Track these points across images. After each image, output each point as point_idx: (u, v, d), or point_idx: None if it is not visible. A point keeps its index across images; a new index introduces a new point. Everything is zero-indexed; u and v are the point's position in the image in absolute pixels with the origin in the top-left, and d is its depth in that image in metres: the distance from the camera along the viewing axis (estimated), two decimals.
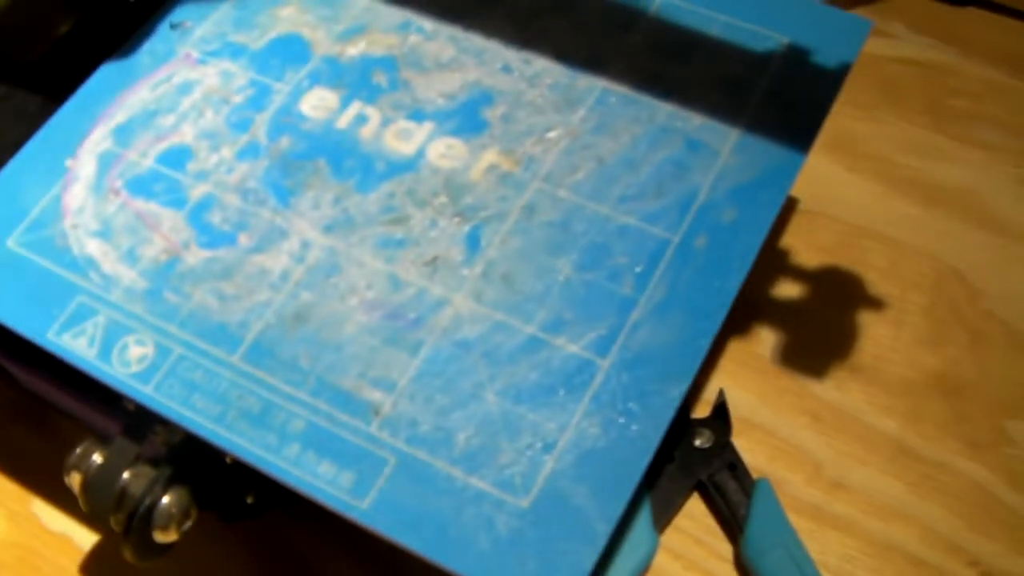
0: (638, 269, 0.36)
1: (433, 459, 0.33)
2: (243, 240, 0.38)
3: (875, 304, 0.47)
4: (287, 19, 0.43)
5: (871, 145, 0.51)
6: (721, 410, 0.43)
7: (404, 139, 0.40)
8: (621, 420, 0.33)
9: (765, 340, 0.46)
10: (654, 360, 0.34)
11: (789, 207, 0.49)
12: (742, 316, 0.45)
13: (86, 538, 0.42)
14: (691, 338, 0.35)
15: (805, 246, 0.48)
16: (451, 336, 0.35)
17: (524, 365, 0.34)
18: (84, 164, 0.40)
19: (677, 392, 0.34)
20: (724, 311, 0.35)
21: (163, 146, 0.41)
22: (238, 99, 0.41)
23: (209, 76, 0.42)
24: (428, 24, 0.42)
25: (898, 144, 0.51)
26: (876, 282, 0.47)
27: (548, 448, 0.33)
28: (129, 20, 0.44)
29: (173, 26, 0.44)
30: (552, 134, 0.39)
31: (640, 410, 0.33)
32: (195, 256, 0.38)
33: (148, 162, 0.40)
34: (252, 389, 0.35)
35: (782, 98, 0.40)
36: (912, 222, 0.49)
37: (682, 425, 0.43)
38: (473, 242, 0.37)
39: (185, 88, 0.42)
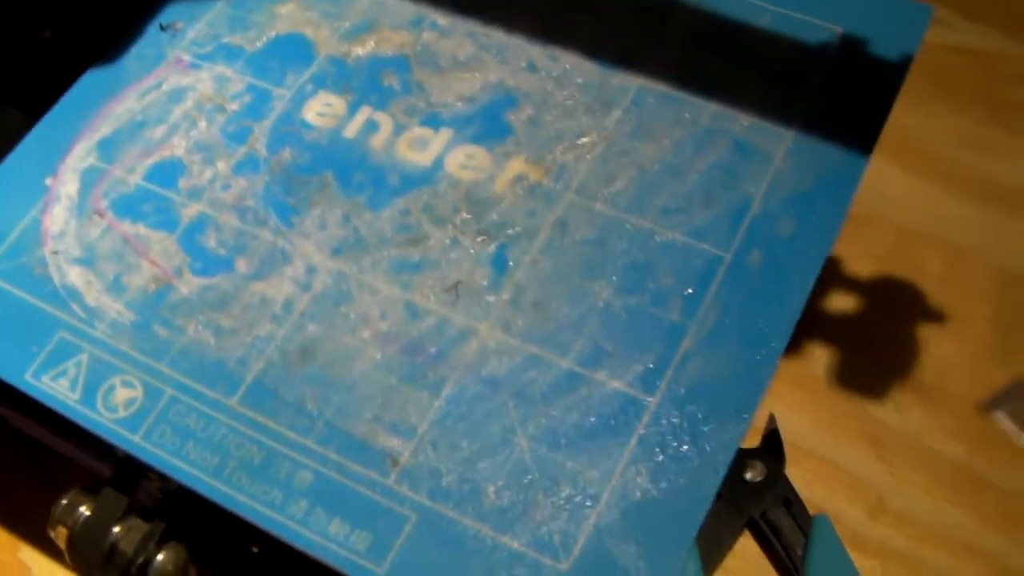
0: (687, 291, 0.32)
1: (459, 516, 0.29)
2: (241, 266, 0.34)
3: (935, 316, 0.43)
4: (287, 17, 0.39)
5: (923, 141, 0.47)
6: (773, 438, 0.40)
7: (419, 148, 0.36)
8: (673, 466, 0.29)
9: (818, 358, 0.42)
10: (708, 396, 0.31)
11: None
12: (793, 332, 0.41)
13: None
14: (749, 369, 0.31)
15: (857, 253, 0.44)
16: (477, 372, 0.31)
17: (560, 405, 0.30)
18: (66, 182, 0.37)
19: (736, 432, 0.30)
20: (786, 337, 0.31)
21: (152, 161, 0.37)
22: (234, 107, 0.37)
23: (202, 82, 0.38)
24: (443, 19, 0.38)
25: (952, 139, 0.47)
26: (935, 291, 0.43)
27: (590, 501, 0.29)
28: (116, 21, 0.40)
29: (163, 27, 0.40)
30: (585, 139, 0.35)
31: (694, 454, 0.30)
32: (188, 284, 0.34)
33: (136, 179, 0.36)
34: (253, 436, 0.31)
35: (839, 95, 0.36)
36: (971, 224, 0.45)
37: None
38: (499, 264, 0.33)
39: (176, 96, 0.38)
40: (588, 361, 0.31)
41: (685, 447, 0.30)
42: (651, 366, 0.31)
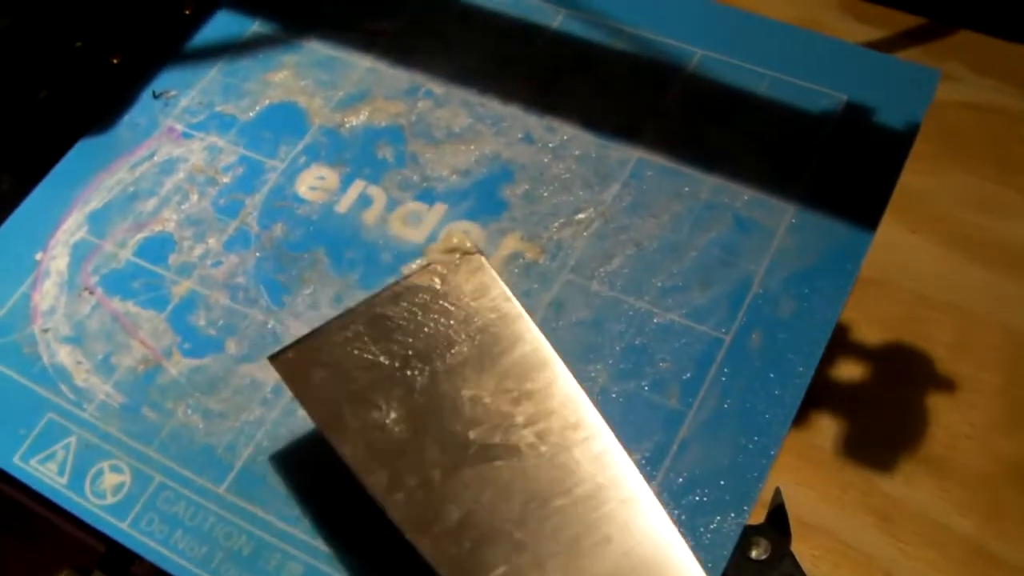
0: (685, 376, 0.31)
1: None
2: (231, 347, 0.33)
3: (945, 385, 0.42)
4: (281, 85, 0.39)
5: (933, 202, 0.46)
6: (778, 514, 0.38)
7: (413, 224, 0.35)
8: None
9: (825, 429, 0.41)
10: (707, 485, 0.30)
11: None
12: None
13: None
14: (750, 458, 0.30)
15: (865, 319, 0.43)
16: None
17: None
18: (56, 257, 0.36)
19: (736, 524, 0.29)
20: (787, 424, 0.30)
21: (143, 235, 0.36)
22: (226, 179, 0.37)
23: (194, 152, 0.38)
24: (438, 88, 0.38)
25: (963, 200, 0.46)
26: (945, 359, 0.42)
27: None
28: (110, 87, 0.40)
29: (156, 95, 0.39)
30: (582, 215, 0.34)
31: (693, 547, 0.29)
32: (178, 366, 0.33)
33: (126, 254, 0.36)
34: (242, 527, 0.30)
35: (844, 165, 0.35)
36: (981, 288, 0.44)
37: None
38: None
39: (168, 167, 0.37)
40: None
41: (694, 523, 0.29)
42: (648, 455, 0.30)
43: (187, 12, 0.41)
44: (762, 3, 0.40)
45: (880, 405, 0.41)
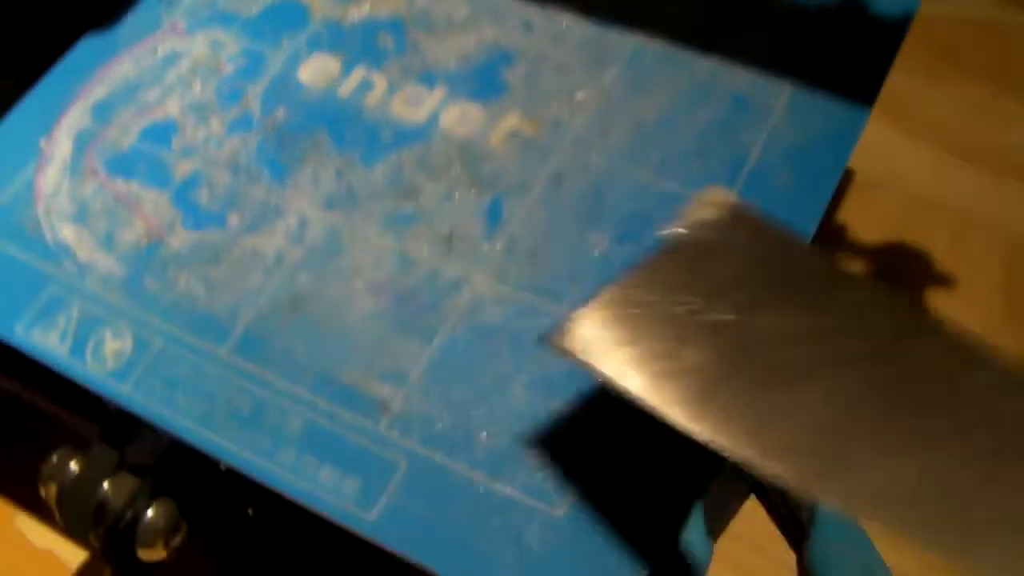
0: None
1: (451, 462, 0.28)
2: (233, 220, 0.34)
3: (944, 282, 0.42)
4: None
5: (931, 111, 0.47)
6: None
7: (413, 105, 0.35)
8: (662, 428, 0.29)
9: None
10: None
11: (843, 180, 0.44)
12: None
13: (74, 555, 0.38)
14: None
15: (863, 223, 0.43)
16: (470, 321, 0.31)
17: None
18: (60, 144, 0.36)
19: None
20: None
21: (146, 122, 0.36)
22: (228, 69, 0.37)
23: (198, 46, 0.38)
24: None
25: (960, 109, 0.47)
26: (944, 259, 0.42)
27: None
28: None
29: None
30: (580, 95, 0.35)
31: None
32: (180, 239, 0.33)
33: (130, 139, 0.36)
34: (243, 385, 0.30)
35: (839, 50, 0.35)
36: (980, 192, 0.44)
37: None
38: (494, 214, 0.33)
39: (171, 60, 0.38)
40: None
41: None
42: None
43: None
44: None
45: None
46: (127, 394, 0.31)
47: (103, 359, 0.32)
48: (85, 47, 0.39)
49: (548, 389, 0.29)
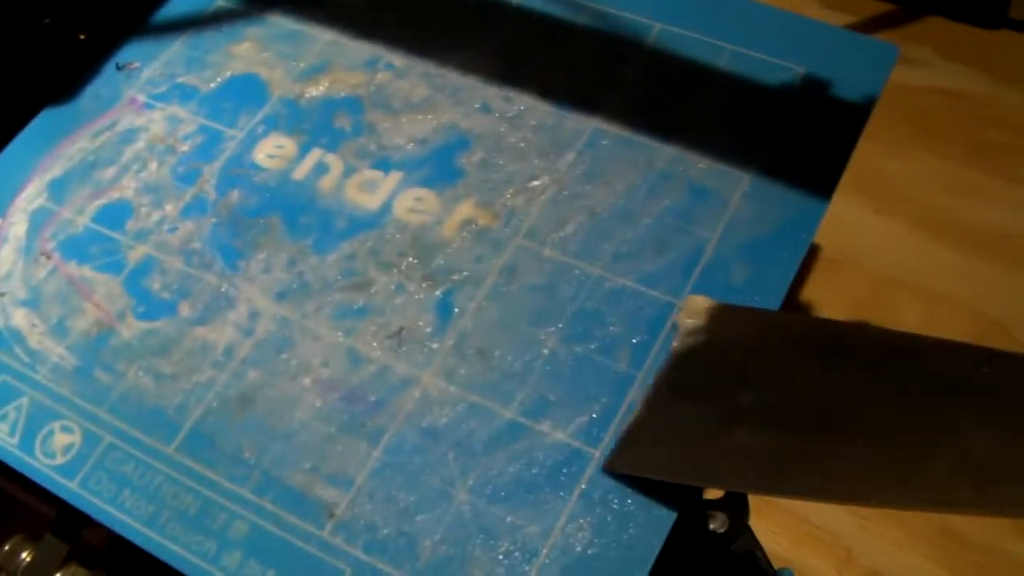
0: (635, 340, 0.31)
1: (395, 570, 0.28)
2: (184, 310, 0.33)
3: None
4: (243, 57, 0.39)
5: (901, 185, 0.46)
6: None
7: (368, 191, 0.35)
8: (616, 522, 0.28)
9: None
10: None
11: (811, 256, 0.44)
12: None
13: None
14: None
15: (830, 300, 0.43)
16: (417, 422, 0.30)
17: (502, 457, 0.30)
18: (15, 223, 0.36)
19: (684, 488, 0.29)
20: None
21: (101, 202, 0.36)
22: (185, 148, 0.37)
23: (155, 122, 0.38)
24: (398, 60, 0.38)
25: (932, 183, 0.46)
26: None
27: (529, 557, 0.28)
28: (75, 60, 0.40)
29: (119, 67, 0.39)
30: (536, 183, 0.35)
31: (638, 510, 0.29)
32: (130, 329, 0.33)
33: (84, 221, 0.36)
34: (189, 486, 0.30)
35: (800, 137, 0.35)
36: (949, 270, 0.44)
37: (693, 507, 0.37)
38: (444, 310, 0.32)
39: (128, 136, 0.38)
40: (531, 411, 0.30)
41: (629, 501, 0.29)
42: (596, 417, 0.30)
43: None
44: None
45: None
46: (74, 490, 0.31)
47: (52, 453, 0.31)
48: (44, 121, 0.39)
49: (493, 495, 0.29)
